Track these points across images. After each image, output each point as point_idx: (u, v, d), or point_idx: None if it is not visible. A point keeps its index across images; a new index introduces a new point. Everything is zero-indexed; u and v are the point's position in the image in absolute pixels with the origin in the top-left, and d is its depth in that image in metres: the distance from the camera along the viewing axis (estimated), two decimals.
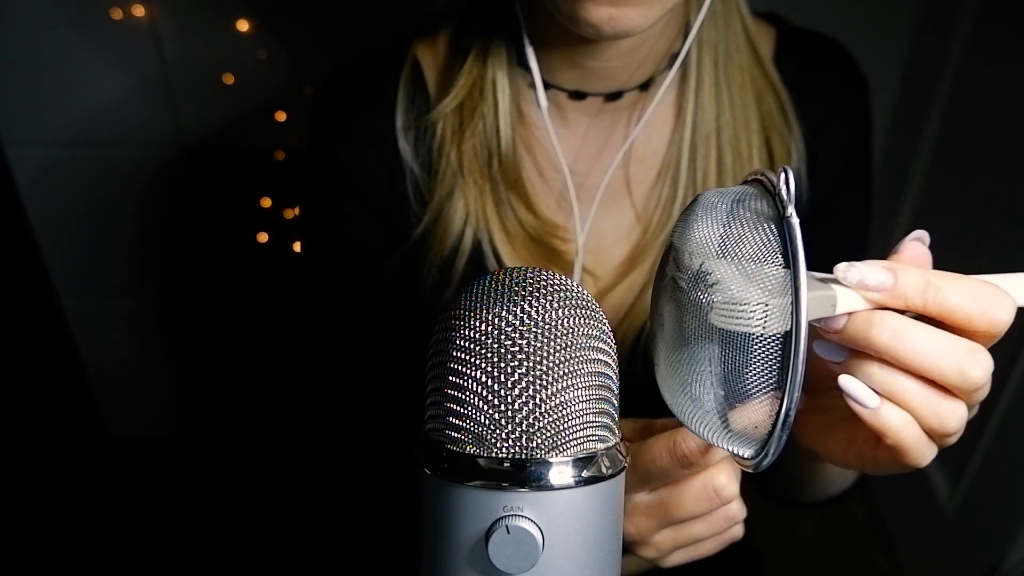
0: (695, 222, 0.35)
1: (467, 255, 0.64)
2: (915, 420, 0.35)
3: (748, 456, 0.34)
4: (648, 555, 0.47)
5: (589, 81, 0.61)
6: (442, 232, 0.64)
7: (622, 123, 0.64)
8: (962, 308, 0.33)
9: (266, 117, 1.31)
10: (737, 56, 0.61)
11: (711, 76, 0.61)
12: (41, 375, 1.57)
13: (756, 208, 0.33)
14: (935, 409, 0.34)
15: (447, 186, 0.63)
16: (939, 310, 0.33)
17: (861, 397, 0.34)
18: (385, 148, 0.65)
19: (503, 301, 0.33)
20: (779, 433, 0.31)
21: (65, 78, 1.28)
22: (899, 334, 0.33)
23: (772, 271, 0.31)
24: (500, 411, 0.31)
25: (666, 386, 0.37)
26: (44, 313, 1.54)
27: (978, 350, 0.34)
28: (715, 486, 0.42)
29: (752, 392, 0.32)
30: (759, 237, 0.32)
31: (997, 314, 0.33)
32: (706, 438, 0.35)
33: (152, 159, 1.38)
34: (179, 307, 1.57)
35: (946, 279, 0.33)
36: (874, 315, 0.33)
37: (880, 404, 0.34)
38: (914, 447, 0.35)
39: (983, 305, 0.33)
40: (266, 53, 1.27)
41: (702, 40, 0.60)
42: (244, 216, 1.41)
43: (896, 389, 0.34)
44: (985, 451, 1.22)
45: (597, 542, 0.33)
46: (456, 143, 0.62)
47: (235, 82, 1.29)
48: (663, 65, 0.62)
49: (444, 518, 0.33)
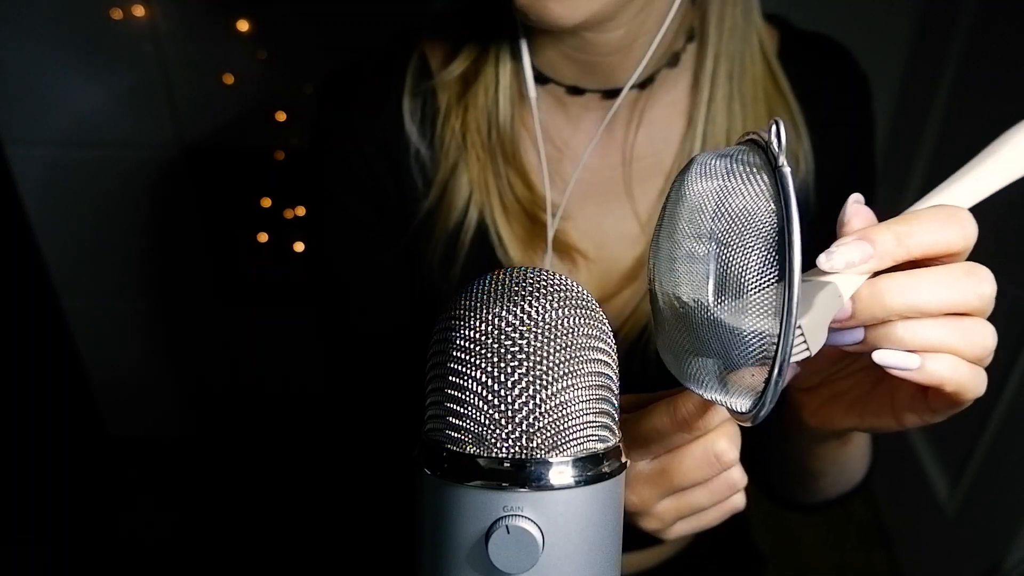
0: (690, 180, 0.36)
1: (472, 230, 0.64)
2: (958, 357, 0.35)
3: (746, 410, 0.34)
4: (650, 526, 0.46)
5: (586, 76, 0.61)
6: (447, 207, 0.64)
7: (622, 120, 0.64)
8: (937, 240, 0.34)
9: (266, 117, 1.31)
10: (752, 68, 0.62)
11: (725, 89, 0.61)
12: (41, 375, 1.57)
13: (750, 161, 0.34)
14: (968, 337, 0.35)
15: (451, 159, 0.64)
16: (921, 251, 0.34)
17: (903, 363, 0.35)
18: (387, 142, 0.65)
19: (503, 301, 0.33)
20: (775, 380, 0.31)
21: (65, 78, 1.28)
22: (908, 289, 0.34)
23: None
24: (500, 411, 0.31)
25: (665, 347, 0.38)
26: (44, 313, 1.54)
27: (975, 266, 0.35)
28: (715, 451, 0.42)
29: (748, 353, 0.33)
30: (753, 188, 0.33)
31: (966, 228, 0.34)
32: (705, 395, 0.36)
33: (152, 159, 1.38)
34: (179, 307, 1.57)
35: (908, 222, 0.34)
36: (878, 285, 0.34)
37: (922, 360, 0.35)
38: (969, 381, 0.36)
39: (951, 228, 0.34)
40: (266, 53, 1.27)
41: (719, 52, 0.60)
42: (244, 216, 1.41)
43: (929, 339, 0.35)
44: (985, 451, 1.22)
45: (597, 542, 0.33)
46: (460, 114, 0.63)
47: (235, 82, 1.29)
48: (663, 63, 0.62)
49: (444, 518, 0.33)
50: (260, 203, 1.39)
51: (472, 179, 0.63)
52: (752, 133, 0.34)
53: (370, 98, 0.65)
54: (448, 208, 0.64)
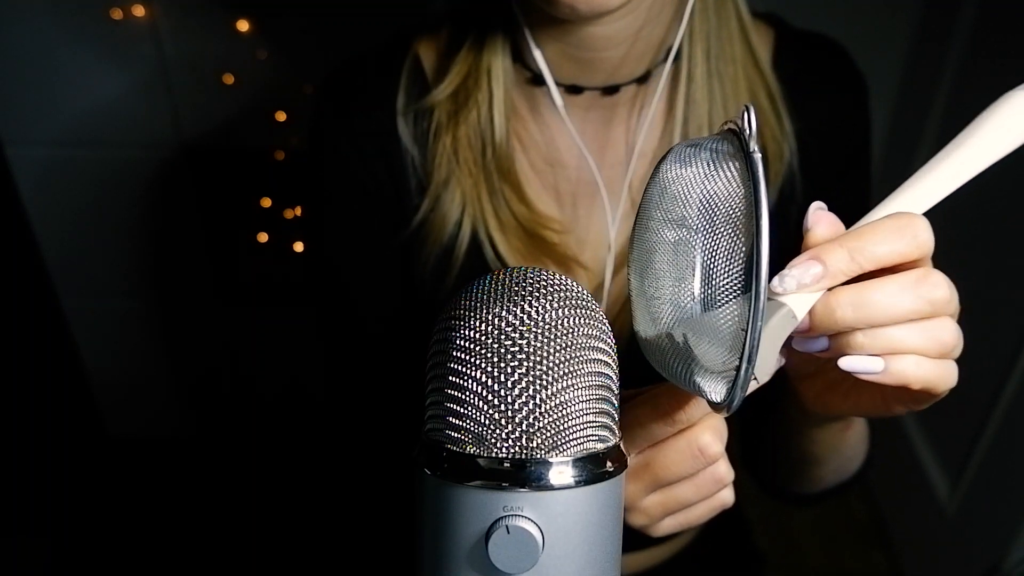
0: (665, 168, 0.37)
1: (466, 244, 0.64)
2: (921, 356, 0.36)
3: (721, 399, 0.34)
4: (638, 522, 0.46)
5: (585, 75, 0.61)
6: (440, 220, 0.64)
7: (621, 117, 0.64)
8: (890, 252, 0.35)
9: (266, 117, 1.31)
10: (730, 48, 0.61)
11: (703, 67, 0.61)
12: (41, 375, 1.57)
13: (723, 150, 0.35)
14: (929, 338, 0.36)
15: (443, 173, 0.63)
16: (873, 264, 0.35)
17: (866, 367, 0.36)
18: (385, 142, 0.65)
19: (503, 301, 0.33)
20: (745, 368, 0.32)
21: (65, 78, 1.28)
22: (859, 303, 0.35)
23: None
24: (500, 411, 0.31)
25: (642, 330, 0.39)
26: (44, 313, 1.54)
27: (927, 272, 0.35)
28: (699, 444, 0.42)
29: (718, 338, 0.34)
30: (724, 175, 0.34)
31: (919, 238, 0.35)
32: (683, 385, 0.36)
33: (152, 159, 1.38)
34: (179, 307, 1.57)
35: (863, 236, 0.35)
36: (829, 300, 0.35)
37: (886, 363, 0.36)
38: (936, 376, 0.37)
39: (903, 239, 0.35)
40: (266, 53, 1.27)
41: (694, 30, 0.60)
42: (244, 216, 1.41)
43: (888, 342, 0.36)
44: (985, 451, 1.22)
45: (597, 542, 0.33)
46: (451, 130, 0.63)
47: (235, 82, 1.29)
48: (660, 57, 0.61)
49: (444, 518, 0.33)
50: (260, 203, 1.39)
51: (465, 193, 0.63)
52: (730, 122, 0.35)
53: (367, 99, 0.65)
54: (441, 221, 0.64)
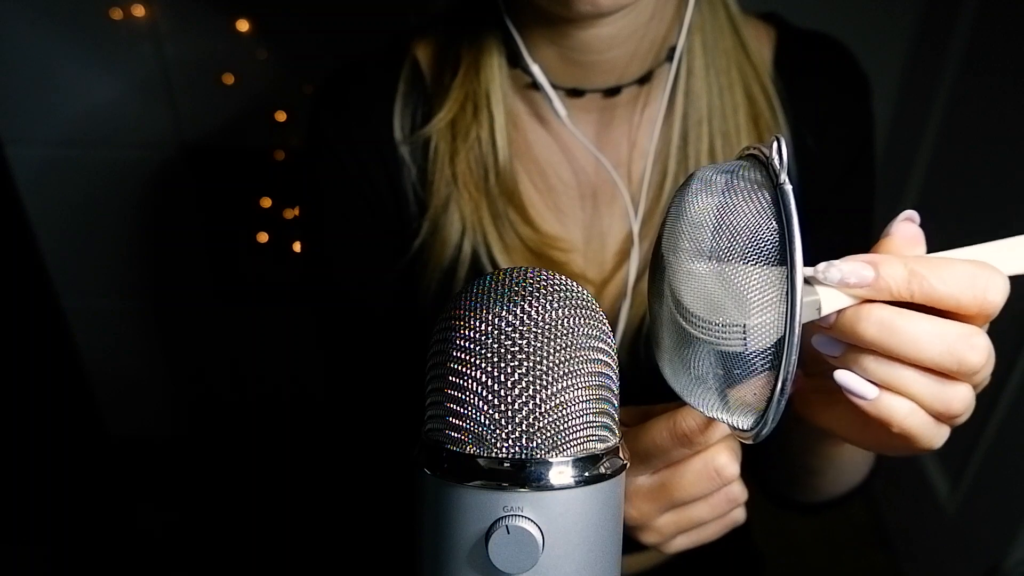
0: (691, 195, 0.35)
1: (467, 265, 0.64)
2: (919, 407, 0.34)
3: (747, 427, 0.34)
4: (651, 540, 0.46)
5: (587, 77, 0.61)
6: (440, 243, 0.64)
7: (622, 117, 0.64)
8: (950, 295, 0.32)
9: (266, 117, 1.31)
10: (722, 41, 0.61)
11: (701, 60, 0.61)
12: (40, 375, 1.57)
13: (751, 178, 0.33)
14: (937, 395, 0.34)
15: (442, 197, 0.63)
16: (925, 299, 0.32)
17: (857, 389, 0.34)
18: (383, 147, 0.65)
19: (503, 301, 0.32)
20: (777, 399, 0.31)
21: (65, 78, 1.28)
22: (887, 326, 0.32)
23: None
24: (500, 411, 0.31)
25: (666, 363, 0.37)
26: (44, 313, 1.54)
27: (973, 333, 0.33)
28: (716, 465, 0.42)
29: (750, 373, 0.33)
30: (754, 206, 0.32)
31: (987, 296, 0.32)
32: (706, 412, 0.35)
33: (152, 159, 1.38)
34: (179, 307, 1.57)
35: (931, 266, 0.32)
36: (860, 309, 0.33)
37: (879, 395, 0.34)
38: (922, 432, 0.35)
39: (971, 289, 0.32)
40: (266, 53, 1.27)
41: (691, 25, 0.60)
42: (244, 216, 1.41)
43: (894, 379, 0.34)
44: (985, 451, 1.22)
45: (597, 542, 0.33)
46: (450, 157, 0.62)
47: (235, 82, 1.29)
48: (662, 57, 0.61)
49: (444, 518, 0.33)
50: (260, 203, 1.39)
51: (465, 218, 0.63)
52: (753, 147, 0.34)
53: (365, 102, 0.65)
54: (441, 245, 0.64)
